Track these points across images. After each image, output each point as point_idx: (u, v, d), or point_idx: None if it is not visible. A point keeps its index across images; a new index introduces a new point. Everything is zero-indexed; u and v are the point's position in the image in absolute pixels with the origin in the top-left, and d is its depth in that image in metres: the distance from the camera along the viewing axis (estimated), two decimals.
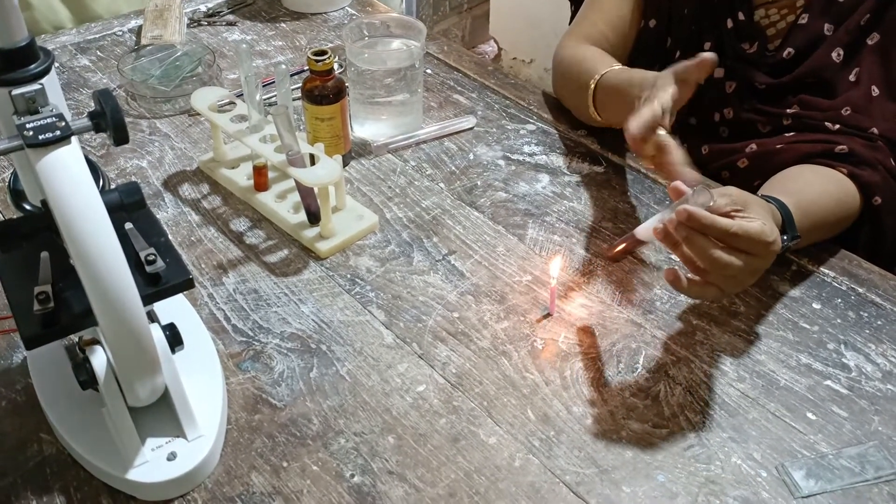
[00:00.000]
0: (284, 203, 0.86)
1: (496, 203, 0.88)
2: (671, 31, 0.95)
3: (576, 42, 0.98)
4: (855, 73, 0.83)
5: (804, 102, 0.86)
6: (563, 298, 0.77)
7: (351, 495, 0.60)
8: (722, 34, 0.90)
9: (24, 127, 0.48)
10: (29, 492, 0.60)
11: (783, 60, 0.87)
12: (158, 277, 0.57)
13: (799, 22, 0.85)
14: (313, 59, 0.85)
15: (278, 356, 0.71)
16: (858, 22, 0.82)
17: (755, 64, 0.89)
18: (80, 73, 1.10)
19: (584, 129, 1.00)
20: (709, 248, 0.63)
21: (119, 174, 0.92)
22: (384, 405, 0.67)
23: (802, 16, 0.85)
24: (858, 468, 0.62)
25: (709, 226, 0.62)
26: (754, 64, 0.89)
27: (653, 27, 0.96)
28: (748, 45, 0.89)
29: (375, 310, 0.75)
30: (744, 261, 0.63)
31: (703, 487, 0.61)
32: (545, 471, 0.62)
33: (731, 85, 0.91)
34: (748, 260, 0.64)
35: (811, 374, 0.70)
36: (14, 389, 0.68)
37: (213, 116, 0.87)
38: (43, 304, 0.54)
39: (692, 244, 0.63)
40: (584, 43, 0.98)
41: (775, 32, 0.88)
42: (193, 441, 0.61)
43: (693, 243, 0.63)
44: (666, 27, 0.95)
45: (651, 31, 0.96)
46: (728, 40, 0.90)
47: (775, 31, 0.88)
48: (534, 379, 0.69)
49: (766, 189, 0.77)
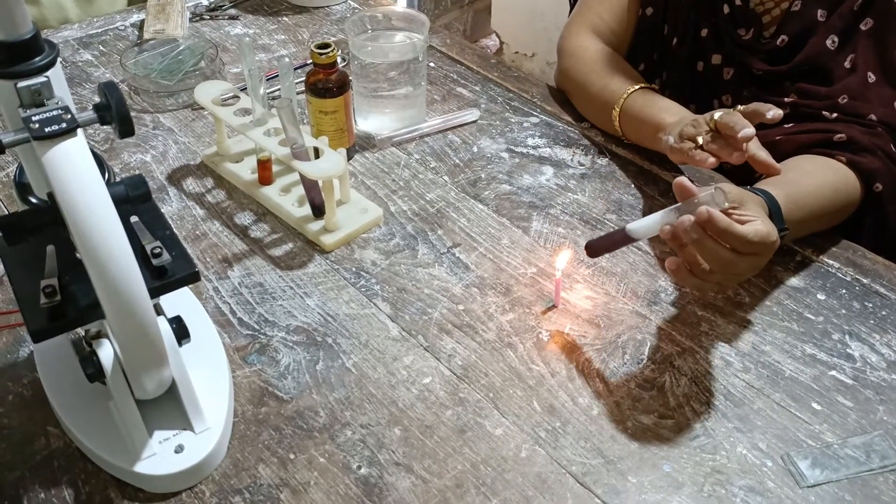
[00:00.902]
0: (289, 196, 0.86)
1: (500, 196, 0.88)
2: (668, 19, 0.95)
3: (582, 33, 0.98)
4: (850, 60, 0.83)
5: (802, 91, 0.86)
6: (568, 290, 0.77)
7: (358, 487, 0.60)
8: (718, 20, 0.90)
9: (30, 120, 0.48)
10: (37, 485, 0.60)
11: (778, 48, 0.87)
12: (164, 270, 0.57)
13: (792, 9, 0.85)
14: (317, 53, 0.85)
15: (284, 349, 0.71)
16: (851, 7, 0.82)
17: (751, 50, 0.89)
18: (83, 68, 1.10)
19: (588, 121, 0.99)
20: (718, 251, 0.63)
21: (123, 168, 0.92)
22: (390, 397, 0.67)
23: (795, 3, 0.85)
24: (864, 457, 0.62)
25: (725, 231, 0.62)
26: (751, 50, 0.89)
27: (650, 15, 0.96)
28: (744, 32, 0.89)
29: (381, 302, 0.75)
30: (748, 261, 0.65)
31: (709, 477, 0.61)
32: (551, 461, 0.62)
33: (729, 71, 0.92)
34: (751, 259, 0.65)
35: (816, 365, 0.70)
36: (21, 384, 0.68)
37: (216, 110, 0.87)
38: (49, 298, 0.55)
39: (702, 247, 0.63)
40: (590, 35, 0.98)
41: (770, 19, 0.88)
42: (201, 434, 0.61)
43: (703, 246, 0.63)
44: (662, 15, 0.95)
45: (647, 19, 0.97)
46: (724, 26, 0.90)
47: (770, 18, 0.88)
48: (539, 370, 0.69)
49: (764, 180, 0.77)
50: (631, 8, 0.98)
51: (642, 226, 0.67)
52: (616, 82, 0.91)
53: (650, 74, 0.99)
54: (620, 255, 0.81)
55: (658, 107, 0.85)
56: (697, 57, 0.94)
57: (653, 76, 0.99)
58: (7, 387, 0.68)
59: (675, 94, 0.96)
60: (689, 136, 0.76)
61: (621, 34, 0.99)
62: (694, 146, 0.75)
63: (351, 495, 0.60)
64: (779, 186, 0.74)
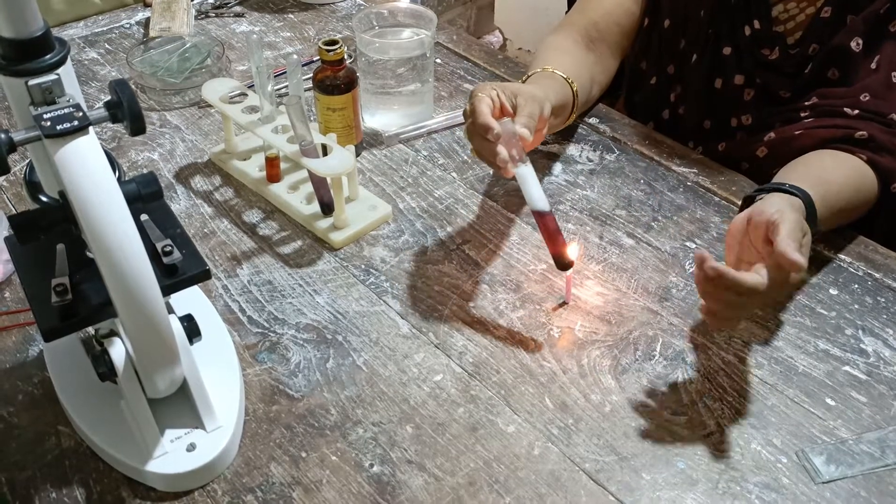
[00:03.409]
0: (297, 194, 0.86)
1: (509, 192, 0.88)
2: (686, 34, 0.94)
3: (561, 33, 0.96)
4: (876, 61, 0.82)
5: (823, 93, 0.85)
6: (579, 287, 0.76)
7: (371, 485, 0.60)
8: (739, 41, 0.89)
9: (42, 117, 0.48)
10: (48, 484, 0.60)
11: (806, 57, 0.86)
12: (175, 268, 0.57)
13: (821, 15, 0.84)
14: (324, 49, 0.85)
15: (294, 347, 0.71)
16: (878, 11, 0.81)
17: (776, 69, 0.87)
18: (89, 67, 1.10)
19: (597, 117, 0.99)
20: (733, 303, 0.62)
21: (130, 167, 0.92)
22: (402, 395, 0.67)
23: (825, 10, 0.83)
24: (879, 453, 0.62)
25: (734, 285, 0.61)
26: (775, 69, 0.87)
27: (667, 27, 0.94)
28: (768, 51, 0.87)
29: (391, 300, 0.75)
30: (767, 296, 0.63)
31: (724, 474, 0.61)
32: (564, 459, 0.62)
33: (750, 93, 0.89)
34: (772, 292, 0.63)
35: (829, 360, 0.69)
36: (31, 383, 0.68)
37: (224, 108, 0.86)
38: (61, 296, 0.54)
39: (717, 300, 0.63)
40: (569, 33, 0.95)
41: (794, 25, 0.87)
42: (212, 432, 0.61)
43: (717, 299, 0.63)
44: (681, 29, 0.94)
45: (664, 32, 0.95)
46: (746, 48, 0.89)
47: (794, 24, 0.86)
48: (551, 367, 0.69)
49: (785, 173, 0.76)
50: (630, 12, 0.95)
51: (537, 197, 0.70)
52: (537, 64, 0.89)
53: (663, 88, 0.97)
54: (631, 251, 0.80)
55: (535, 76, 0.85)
56: (716, 74, 0.91)
57: (666, 90, 0.97)
58: (17, 386, 0.67)
59: (691, 110, 0.94)
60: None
61: (612, 37, 0.95)
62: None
63: (364, 493, 0.59)
64: (811, 185, 0.72)
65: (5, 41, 0.49)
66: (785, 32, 0.87)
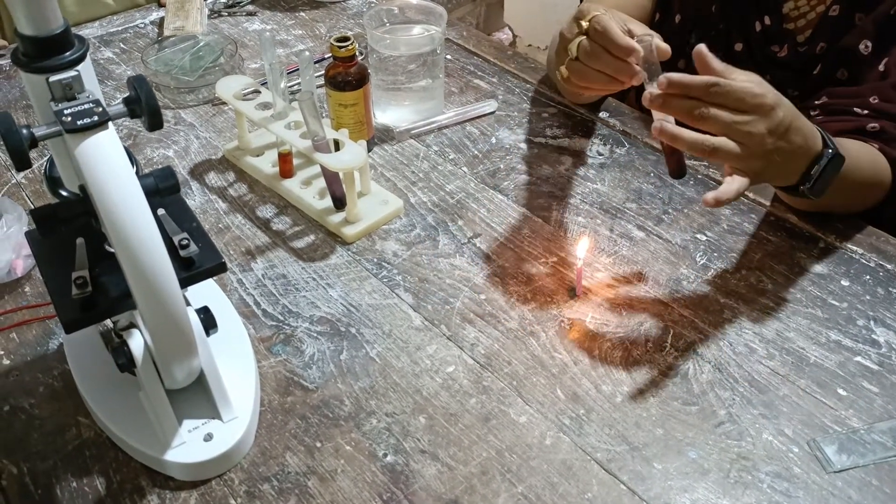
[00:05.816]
0: (310, 189, 0.87)
1: (519, 186, 0.89)
2: (696, 28, 0.94)
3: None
4: (884, 64, 0.82)
5: (832, 92, 0.85)
6: (590, 279, 0.77)
7: (385, 474, 0.61)
8: (751, 37, 0.89)
9: (62, 113, 0.49)
10: (69, 474, 0.61)
11: (814, 56, 0.86)
12: (192, 261, 0.58)
13: (830, 13, 0.84)
14: (336, 46, 0.86)
15: (308, 339, 0.71)
16: (888, 12, 0.81)
17: (786, 66, 0.87)
18: (105, 66, 1.11)
19: (607, 111, 0.99)
20: (696, 108, 0.63)
21: (146, 164, 0.93)
22: (414, 386, 0.67)
23: (833, 8, 0.83)
24: (890, 442, 0.62)
25: (689, 85, 0.63)
26: (785, 66, 0.88)
27: (678, 22, 0.95)
28: (778, 48, 0.88)
29: (403, 293, 0.76)
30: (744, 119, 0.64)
31: (735, 463, 0.61)
32: (576, 448, 0.62)
33: None
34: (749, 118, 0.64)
35: (841, 351, 0.69)
36: (51, 375, 0.69)
37: (238, 104, 0.87)
38: (81, 289, 0.55)
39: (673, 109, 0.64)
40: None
41: (805, 23, 0.87)
42: (229, 422, 0.62)
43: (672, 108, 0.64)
44: (692, 25, 0.94)
45: (675, 27, 0.95)
46: (756, 44, 0.89)
47: (805, 22, 0.86)
48: (562, 359, 0.69)
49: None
50: (642, 5, 0.96)
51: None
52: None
53: None
54: (641, 243, 0.81)
55: None
56: None
57: None
58: (38, 378, 0.69)
59: None
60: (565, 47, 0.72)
61: None
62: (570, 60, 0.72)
63: (378, 482, 0.60)
64: None
65: (27, 39, 0.50)
66: (795, 30, 0.87)
